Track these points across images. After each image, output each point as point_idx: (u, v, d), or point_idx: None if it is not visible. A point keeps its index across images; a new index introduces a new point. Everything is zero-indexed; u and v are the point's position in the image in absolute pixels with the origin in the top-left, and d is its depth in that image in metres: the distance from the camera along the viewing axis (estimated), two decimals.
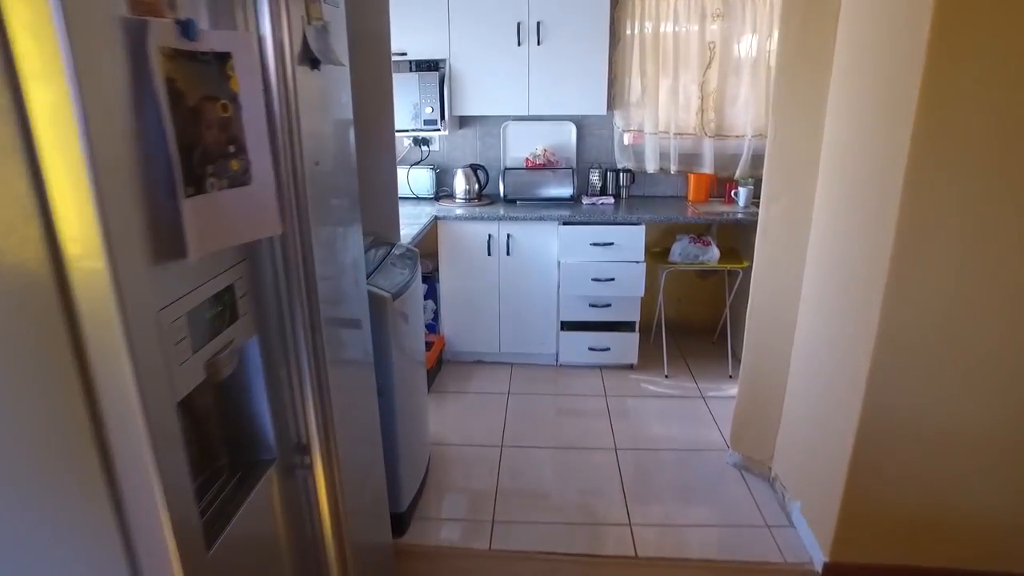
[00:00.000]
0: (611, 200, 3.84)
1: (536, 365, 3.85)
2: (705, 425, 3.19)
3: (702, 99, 3.81)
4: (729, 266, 3.58)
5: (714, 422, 3.21)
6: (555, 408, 3.40)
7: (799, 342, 2.51)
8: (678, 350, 4.07)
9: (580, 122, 4.00)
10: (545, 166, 3.88)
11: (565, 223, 3.52)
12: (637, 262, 3.51)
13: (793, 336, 2.55)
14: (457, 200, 3.88)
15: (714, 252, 3.56)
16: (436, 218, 3.57)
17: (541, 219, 3.50)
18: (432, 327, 3.89)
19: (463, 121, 4.07)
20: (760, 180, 2.53)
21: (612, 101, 3.88)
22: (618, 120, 3.93)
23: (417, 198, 4.05)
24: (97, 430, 0.75)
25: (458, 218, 3.57)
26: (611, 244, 3.47)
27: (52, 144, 0.66)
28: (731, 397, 3.06)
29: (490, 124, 4.06)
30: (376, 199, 2.51)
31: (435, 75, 3.57)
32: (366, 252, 1.99)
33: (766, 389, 2.63)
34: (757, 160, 3.94)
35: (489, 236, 3.59)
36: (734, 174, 3.97)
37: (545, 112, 3.68)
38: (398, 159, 4.06)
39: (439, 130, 3.64)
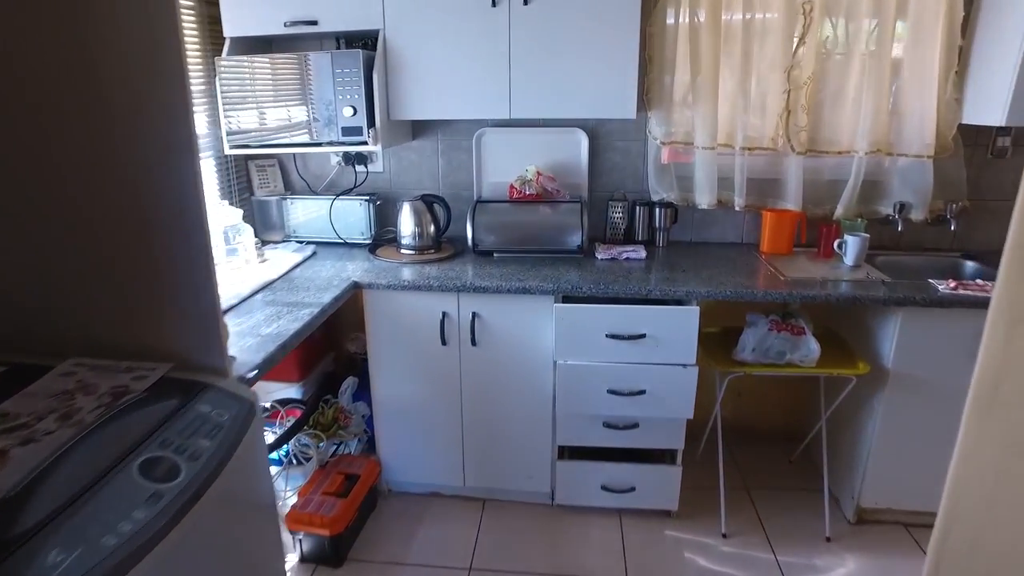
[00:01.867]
0: (641, 253, 2.45)
1: (521, 504, 2.48)
2: None
3: (788, 95, 2.40)
4: (835, 371, 2.17)
5: None
6: None
7: None
8: (739, 477, 2.66)
9: (595, 130, 2.61)
10: (539, 198, 2.50)
11: (566, 298, 2.15)
12: (685, 366, 2.12)
13: None
14: (403, 251, 2.52)
15: (811, 347, 2.16)
16: (357, 286, 2.21)
17: (525, 291, 2.13)
18: (368, 444, 2.54)
19: (418, 129, 2.71)
20: (875, 219, 1.11)
21: (645, 98, 2.50)
22: (654, 127, 2.53)
23: (346, 244, 2.69)
24: None
25: (393, 286, 2.20)
26: (642, 337, 2.09)
27: None
28: None
29: (458, 133, 2.69)
30: (167, 282, 1.19)
31: (357, 56, 2.20)
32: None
33: None
34: (872, 189, 2.52)
35: (444, 316, 2.23)
36: (833, 211, 2.56)
37: (539, 114, 2.30)
38: (321, 185, 2.71)
39: (365, 142, 2.27)
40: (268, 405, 2.48)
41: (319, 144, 2.30)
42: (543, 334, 2.19)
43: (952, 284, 2.13)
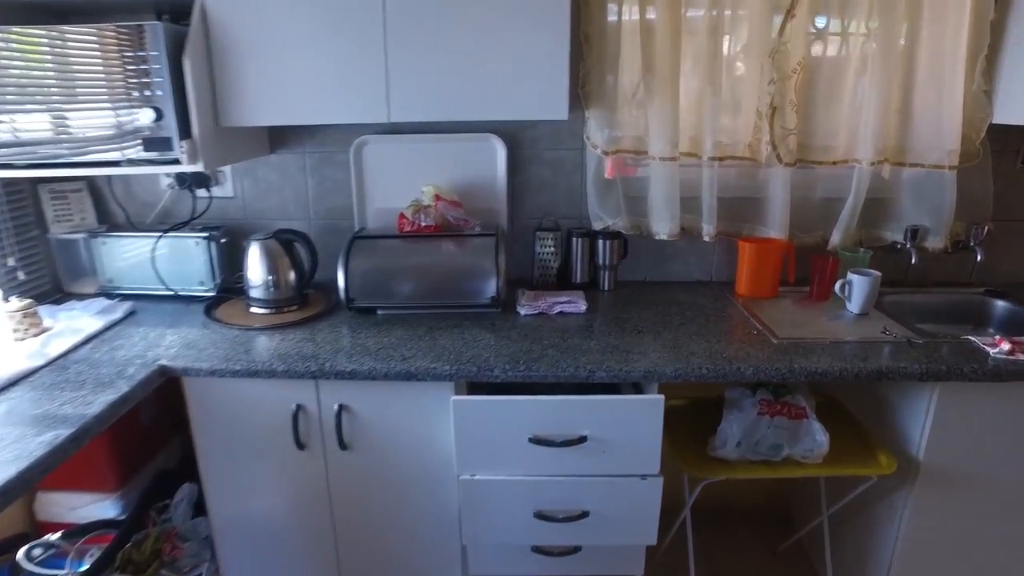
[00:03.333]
0: (580, 305, 1.79)
1: None
2: None
3: (773, 94, 1.78)
4: (851, 471, 1.56)
5: None
6: None
7: None
8: (710, 571, 2.04)
9: (515, 136, 1.95)
10: (439, 230, 1.82)
11: (472, 385, 1.48)
12: (644, 477, 1.47)
13: None
14: (252, 308, 1.81)
15: (817, 437, 1.55)
16: (166, 372, 1.49)
17: (411, 376, 1.44)
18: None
19: (277, 139, 2.00)
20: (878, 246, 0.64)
21: (581, 92, 1.85)
22: (594, 132, 1.89)
23: (176, 296, 1.96)
24: None
25: (219, 372, 1.49)
26: (582, 441, 1.43)
27: None
28: None
29: (330, 142, 1.99)
30: None
31: (155, 32, 1.48)
32: None
33: None
34: (876, 210, 1.94)
35: (298, 410, 1.53)
36: (827, 239, 1.96)
37: (431, 116, 1.63)
38: (150, 216, 1.99)
39: (177, 160, 1.56)
40: (55, 538, 1.73)
41: (113, 164, 1.57)
42: (443, 434, 1.52)
43: (1004, 345, 1.54)
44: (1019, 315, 1.91)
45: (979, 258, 1.93)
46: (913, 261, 1.89)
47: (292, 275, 1.80)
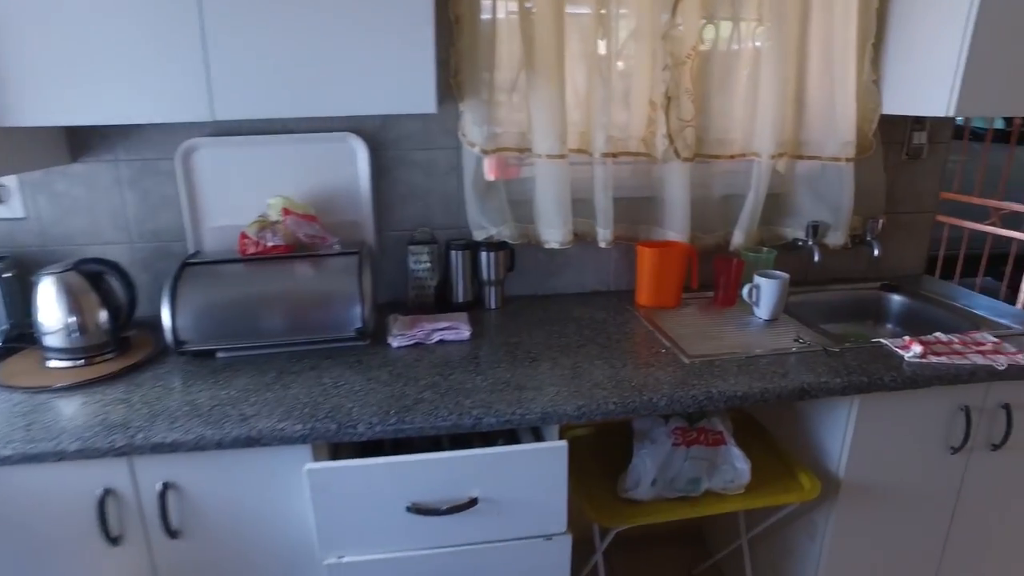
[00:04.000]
0: (463, 331, 1.53)
1: None
2: None
3: (668, 82, 1.61)
4: (774, 501, 1.40)
5: None
6: None
7: None
8: None
9: (378, 135, 1.67)
10: (290, 250, 1.51)
11: (336, 448, 1.19)
12: (550, 537, 1.23)
13: None
14: (49, 361, 1.42)
15: (737, 465, 1.38)
16: None
17: (252, 442, 1.13)
18: None
19: (80, 144, 1.60)
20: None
21: (454, 81, 1.60)
22: (470, 128, 1.63)
23: None
24: None
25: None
26: (472, 504, 1.17)
27: None
28: None
29: (151, 146, 1.62)
30: None
31: None
32: None
33: None
34: (776, 206, 1.82)
35: (105, 495, 1.17)
36: (728, 239, 1.82)
37: (267, 113, 1.32)
38: None
39: None
40: None
41: None
42: (300, 509, 1.22)
43: (915, 347, 1.44)
44: (914, 308, 1.85)
45: (876, 252, 1.85)
46: (816, 259, 1.78)
47: (103, 315, 1.43)
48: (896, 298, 1.90)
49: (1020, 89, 1.55)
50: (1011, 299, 2.90)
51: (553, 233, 1.69)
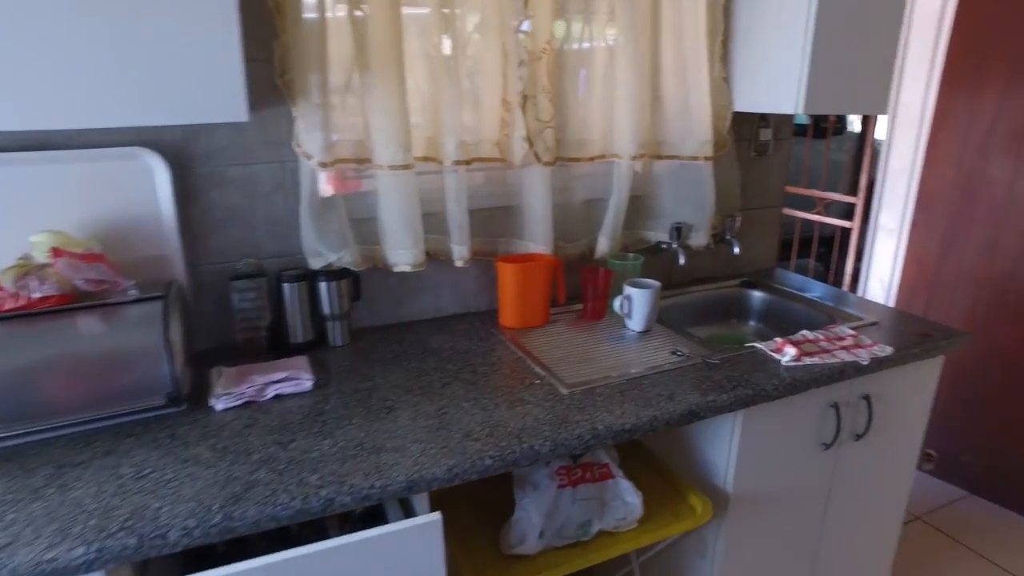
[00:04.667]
0: (303, 380, 1.27)
1: None
2: None
3: (524, 79, 1.45)
4: (667, 532, 1.29)
5: None
6: None
7: None
8: None
9: (181, 150, 1.36)
10: (67, 300, 1.17)
11: (145, 566, 0.90)
12: None
13: None
14: None
15: (628, 499, 1.26)
16: None
17: None
18: None
19: None
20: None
21: (281, 81, 1.33)
22: (303, 136, 1.37)
23: None
24: None
25: None
26: None
27: None
28: None
29: None
30: None
31: None
32: None
33: None
34: (638, 209, 1.73)
35: None
36: (593, 247, 1.71)
37: (28, 124, 0.99)
38: None
39: None
40: None
41: None
42: None
43: (789, 349, 1.40)
44: (774, 304, 1.85)
45: (736, 251, 1.83)
46: (681, 262, 1.72)
47: None
48: (756, 294, 1.90)
49: (862, 87, 1.58)
50: (837, 279, 3.10)
51: (402, 255, 1.48)
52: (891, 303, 2.71)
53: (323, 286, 1.43)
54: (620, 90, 1.56)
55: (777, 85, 1.56)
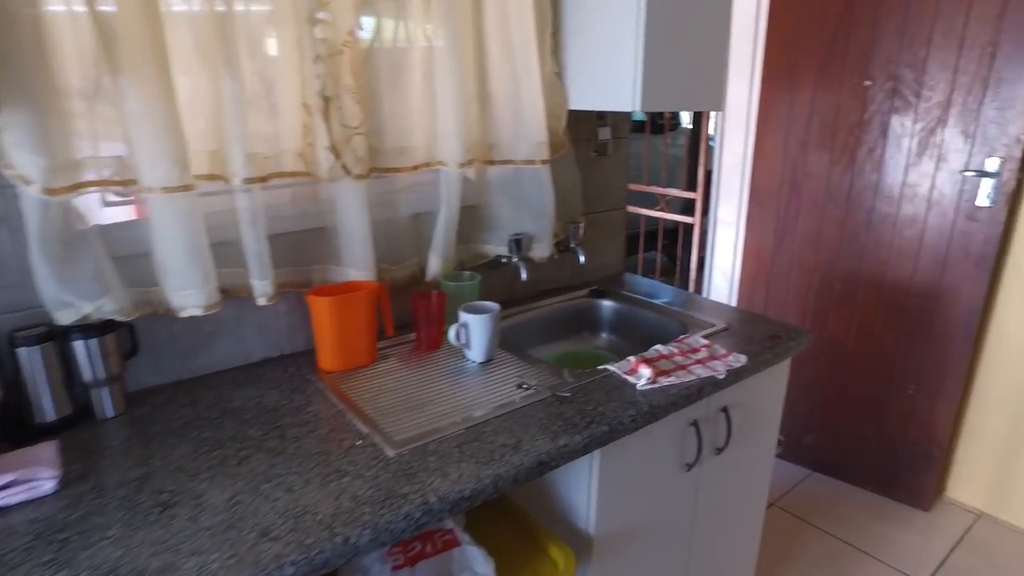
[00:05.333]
0: (41, 476, 0.96)
1: None
2: None
3: (323, 76, 1.21)
4: None
5: None
6: None
7: None
8: None
9: None
10: None
11: None
12: None
13: None
14: None
15: (477, 568, 1.07)
16: None
17: None
18: None
19: None
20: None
21: None
22: (18, 154, 1.03)
23: None
24: None
25: None
26: None
27: None
28: None
29: None
30: None
31: None
32: None
33: None
34: (471, 221, 1.56)
35: None
36: (423, 268, 1.51)
37: None
38: None
39: None
40: None
41: None
42: None
43: (643, 370, 1.29)
44: (624, 313, 1.76)
45: (582, 259, 1.71)
46: (524, 277, 1.57)
47: None
48: (606, 304, 1.79)
49: (698, 83, 1.50)
50: (683, 272, 3.14)
51: (189, 296, 1.19)
52: (735, 293, 2.76)
53: (79, 346, 1.12)
54: (442, 90, 1.37)
55: (613, 82, 1.45)
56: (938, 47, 2.05)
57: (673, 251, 3.46)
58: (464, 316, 1.33)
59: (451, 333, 1.34)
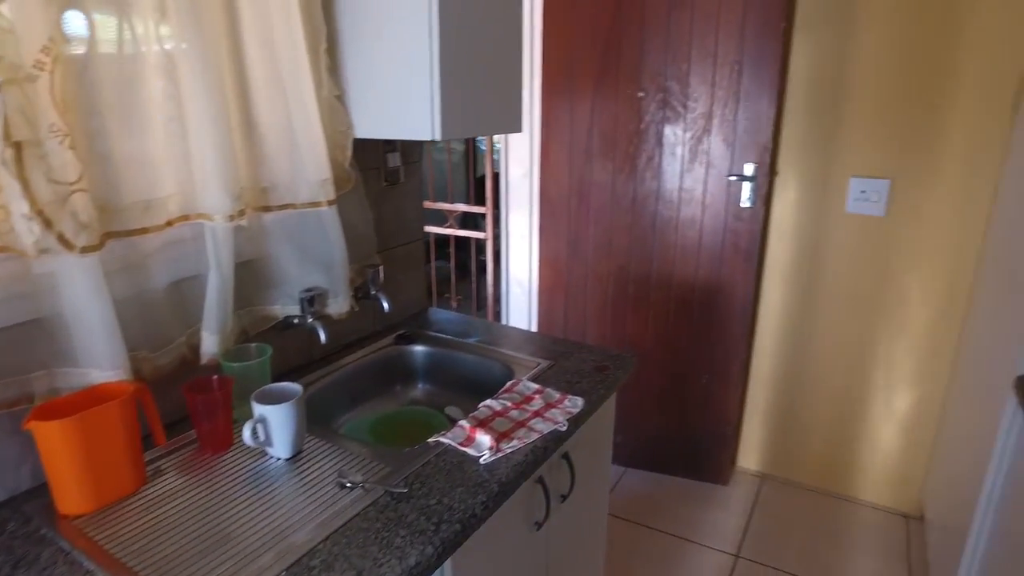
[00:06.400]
0: None
1: None
2: None
3: (9, 117, 0.85)
4: None
5: None
6: None
7: None
8: None
9: None
10: None
11: None
12: None
13: None
14: None
15: None
16: None
17: None
18: None
19: None
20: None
21: None
22: None
23: None
24: None
25: None
26: None
27: None
28: None
29: None
30: None
31: None
32: None
33: None
34: (253, 280, 1.29)
35: None
36: (197, 348, 1.20)
37: None
38: None
39: None
40: None
41: None
42: None
43: (480, 437, 1.13)
44: (437, 358, 1.59)
45: (386, 308, 1.50)
46: (323, 340, 1.32)
47: None
48: (417, 350, 1.60)
49: (496, 106, 1.37)
50: (479, 284, 3.05)
51: None
52: (534, 306, 2.73)
53: None
54: (193, 114, 1.07)
55: (407, 107, 1.26)
56: (696, 62, 2.17)
57: (466, 257, 3.36)
58: (260, 409, 1.06)
59: (246, 433, 1.05)
